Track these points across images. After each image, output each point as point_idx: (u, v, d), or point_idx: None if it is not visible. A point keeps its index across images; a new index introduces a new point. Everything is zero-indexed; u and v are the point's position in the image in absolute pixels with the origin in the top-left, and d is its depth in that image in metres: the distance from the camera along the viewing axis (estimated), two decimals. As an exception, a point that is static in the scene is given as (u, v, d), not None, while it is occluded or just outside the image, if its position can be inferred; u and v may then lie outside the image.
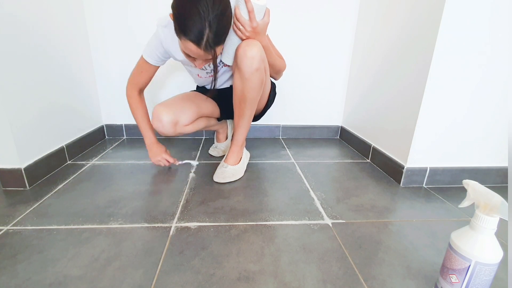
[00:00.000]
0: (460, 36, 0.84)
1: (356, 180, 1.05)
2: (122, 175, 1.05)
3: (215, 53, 0.76)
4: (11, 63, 0.87)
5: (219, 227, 0.74)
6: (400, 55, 1.03)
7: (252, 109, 0.95)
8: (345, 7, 1.37)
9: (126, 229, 0.73)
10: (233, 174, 1.01)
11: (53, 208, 0.82)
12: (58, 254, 0.63)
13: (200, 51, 0.74)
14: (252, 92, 0.90)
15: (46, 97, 1.03)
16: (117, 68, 1.39)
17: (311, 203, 0.88)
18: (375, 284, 0.57)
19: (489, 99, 0.92)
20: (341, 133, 1.59)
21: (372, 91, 1.25)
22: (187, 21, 0.69)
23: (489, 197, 0.45)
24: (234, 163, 1.04)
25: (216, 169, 1.04)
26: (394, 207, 0.87)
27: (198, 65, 0.83)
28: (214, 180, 1.00)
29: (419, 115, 0.92)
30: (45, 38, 1.02)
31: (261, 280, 0.57)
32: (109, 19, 1.31)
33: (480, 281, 0.48)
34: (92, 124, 1.38)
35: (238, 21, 0.79)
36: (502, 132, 0.97)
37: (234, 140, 1.04)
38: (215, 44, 0.74)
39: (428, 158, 0.99)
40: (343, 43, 1.43)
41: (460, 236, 0.49)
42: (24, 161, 0.93)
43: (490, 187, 0.50)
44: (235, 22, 0.80)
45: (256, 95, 0.91)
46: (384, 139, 1.15)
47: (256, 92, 0.90)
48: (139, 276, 0.57)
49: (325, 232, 0.73)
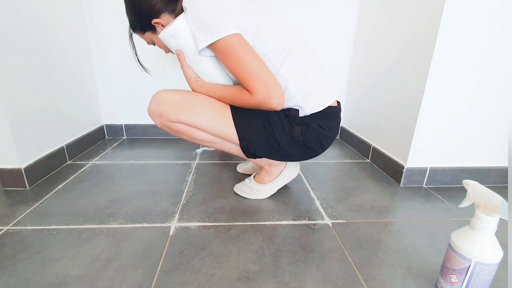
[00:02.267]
0: (460, 36, 0.84)
1: (356, 180, 1.05)
2: (122, 175, 1.05)
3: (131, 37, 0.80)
4: (11, 63, 0.87)
5: (219, 227, 0.74)
6: (400, 55, 1.03)
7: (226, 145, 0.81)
8: (345, 6, 1.37)
9: (126, 229, 0.73)
10: (248, 193, 0.90)
11: (53, 208, 0.82)
12: (58, 254, 0.63)
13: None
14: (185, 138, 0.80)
15: (46, 97, 1.03)
16: (117, 68, 1.39)
17: (311, 203, 0.88)
18: (375, 284, 0.57)
19: (489, 99, 0.92)
20: (341, 133, 1.58)
21: (372, 91, 1.25)
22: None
23: (489, 197, 0.45)
24: (259, 181, 0.91)
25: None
26: (394, 207, 0.87)
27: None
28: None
29: (419, 115, 0.92)
30: (45, 38, 1.02)
31: (261, 280, 0.57)
32: (109, 19, 1.31)
33: (480, 281, 0.48)
34: (92, 124, 1.38)
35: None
36: (502, 132, 0.97)
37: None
38: (132, 29, 0.77)
39: (428, 158, 0.99)
40: (343, 43, 1.43)
41: (460, 236, 0.49)
42: (24, 161, 0.93)
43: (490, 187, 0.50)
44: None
45: (191, 138, 0.80)
46: (384, 139, 1.15)
47: (181, 136, 0.80)
48: (139, 276, 0.57)
49: (325, 232, 0.73)
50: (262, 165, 0.89)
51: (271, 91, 0.65)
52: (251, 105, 0.69)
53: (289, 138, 0.76)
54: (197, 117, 0.74)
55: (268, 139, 0.76)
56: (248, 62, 0.65)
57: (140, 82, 1.41)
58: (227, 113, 0.75)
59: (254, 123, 0.75)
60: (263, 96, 0.66)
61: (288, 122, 0.75)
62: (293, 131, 0.75)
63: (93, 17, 1.30)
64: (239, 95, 0.70)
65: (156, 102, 0.74)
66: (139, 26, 0.76)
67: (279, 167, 0.90)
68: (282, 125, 0.75)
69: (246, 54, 0.65)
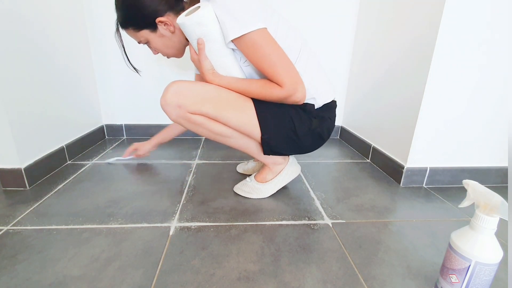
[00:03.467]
0: (460, 36, 0.84)
1: (356, 180, 1.05)
2: (122, 175, 1.05)
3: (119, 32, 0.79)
4: (11, 63, 0.87)
5: (219, 227, 0.74)
6: (400, 55, 1.03)
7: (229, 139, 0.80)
8: (345, 6, 1.37)
9: (126, 229, 0.73)
10: (249, 192, 0.90)
11: (53, 208, 0.82)
12: (58, 254, 0.63)
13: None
14: (198, 132, 0.79)
15: (46, 97, 1.03)
16: (117, 68, 1.39)
17: (311, 203, 0.88)
18: (375, 284, 0.57)
19: (488, 99, 0.92)
20: (341, 133, 1.58)
21: (372, 91, 1.24)
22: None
23: (489, 197, 0.45)
24: (261, 180, 0.91)
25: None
26: (394, 207, 0.86)
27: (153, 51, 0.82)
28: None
29: (419, 115, 0.92)
30: (45, 38, 1.02)
31: (261, 280, 0.57)
32: (109, 19, 1.31)
33: (480, 281, 0.48)
34: (92, 124, 1.38)
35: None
36: (502, 132, 0.97)
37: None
38: (123, 26, 0.76)
39: (428, 158, 0.99)
40: (343, 43, 1.43)
41: (460, 236, 0.49)
42: (24, 161, 0.93)
43: (490, 187, 0.50)
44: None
45: (202, 133, 0.79)
46: (384, 139, 1.15)
47: (197, 129, 0.78)
48: (139, 276, 0.57)
49: (325, 232, 0.73)
50: (267, 162, 0.89)
51: (298, 85, 0.69)
52: (279, 98, 0.71)
53: (307, 130, 0.79)
54: (220, 109, 0.73)
55: (288, 132, 0.78)
56: (276, 56, 0.66)
57: (140, 82, 1.41)
58: (250, 106, 0.75)
59: (276, 116, 0.76)
60: (292, 89, 0.68)
61: (306, 115, 0.78)
62: (312, 123, 0.79)
63: (94, 17, 1.30)
64: (268, 88, 0.70)
65: (174, 92, 0.71)
66: (136, 23, 0.74)
67: (281, 166, 0.91)
68: (301, 118, 0.77)
69: (274, 49, 0.66)
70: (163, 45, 0.78)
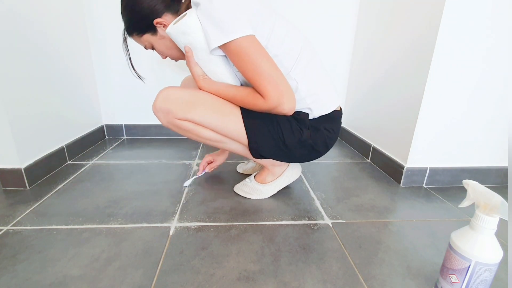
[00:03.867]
0: (460, 36, 0.84)
1: (356, 180, 1.05)
2: (122, 175, 1.05)
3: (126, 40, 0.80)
4: (11, 63, 0.87)
5: (219, 227, 0.74)
6: (400, 55, 1.03)
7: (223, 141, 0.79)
8: (345, 6, 1.37)
9: (126, 229, 0.73)
10: (249, 193, 0.90)
11: (53, 208, 0.82)
12: (58, 254, 0.63)
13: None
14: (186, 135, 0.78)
15: (46, 97, 1.03)
16: (117, 69, 1.39)
17: (311, 203, 0.88)
18: (375, 284, 0.57)
19: (488, 99, 0.92)
20: (341, 133, 1.58)
21: (372, 91, 1.25)
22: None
23: (489, 197, 0.45)
24: (261, 181, 0.91)
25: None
26: (394, 207, 0.86)
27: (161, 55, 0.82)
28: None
29: (419, 115, 0.92)
30: (45, 38, 1.02)
31: (261, 280, 0.57)
32: (109, 20, 1.31)
33: (480, 281, 0.48)
34: (92, 124, 1.38)
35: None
36: (502, 132, 0.97)
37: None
38: (128, 32, 0.77)
39: (428, 158, 0.99)
40: (343, 43, 1.43)
41: (460, 236, 0.49)
42: (24, 161, 0.93)
43: (490, 187, 0.50)
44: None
45: (192, 137, 0.78)
46: (384, 139, 1.15)
47: (187, 135, 0.78)
48: (139, 276, 0.57)
49: (325, 232, 0.73)
50: (266, 165, 0.89)
51: (284, 97, 0.65)
52: (262, 109, 0.68)
53: (297, 141, 0.75)
54: (207, 115, 0.73)
55: (277, 142, 0.75)
56: (262, 65, 0.63)
57: (140, 82, 1.41)
58: (237, 113, 0.74)
59: (264, 125, 0.74)
60: (276, 101, 0.65)
61: (298, 125, 0.74)
62: (303, 134, 0.75)
63: (94, 18, 1.30)
64: (251, 98, 0.68)
65: (163, 99, 0.72)
66: (137, 27, 0.74)
67: (282, 167, 0.90)
68: (292, 128, 0.74)
69: (260, 57, 0.63)
70: (165, 47, 0.78)
